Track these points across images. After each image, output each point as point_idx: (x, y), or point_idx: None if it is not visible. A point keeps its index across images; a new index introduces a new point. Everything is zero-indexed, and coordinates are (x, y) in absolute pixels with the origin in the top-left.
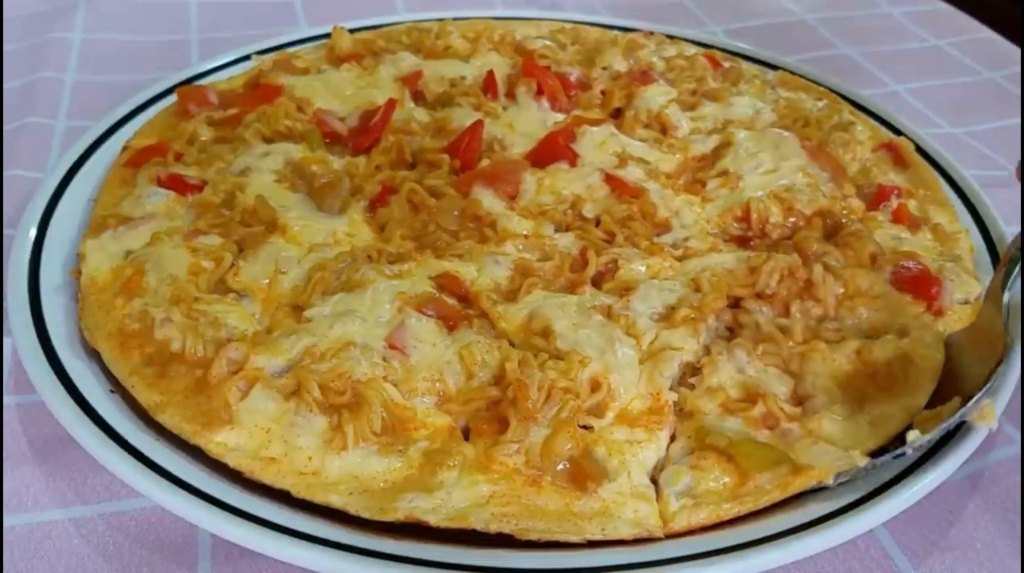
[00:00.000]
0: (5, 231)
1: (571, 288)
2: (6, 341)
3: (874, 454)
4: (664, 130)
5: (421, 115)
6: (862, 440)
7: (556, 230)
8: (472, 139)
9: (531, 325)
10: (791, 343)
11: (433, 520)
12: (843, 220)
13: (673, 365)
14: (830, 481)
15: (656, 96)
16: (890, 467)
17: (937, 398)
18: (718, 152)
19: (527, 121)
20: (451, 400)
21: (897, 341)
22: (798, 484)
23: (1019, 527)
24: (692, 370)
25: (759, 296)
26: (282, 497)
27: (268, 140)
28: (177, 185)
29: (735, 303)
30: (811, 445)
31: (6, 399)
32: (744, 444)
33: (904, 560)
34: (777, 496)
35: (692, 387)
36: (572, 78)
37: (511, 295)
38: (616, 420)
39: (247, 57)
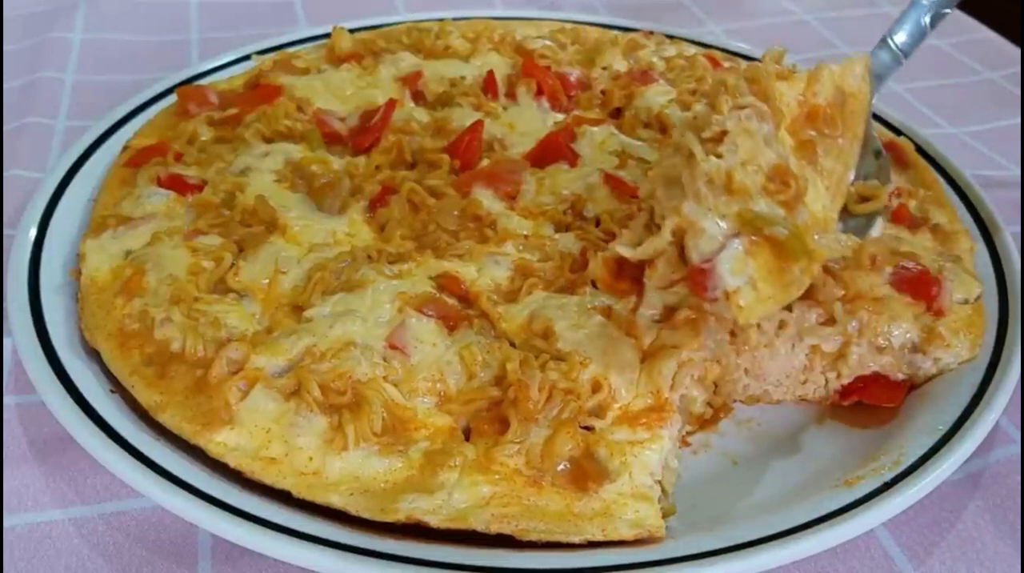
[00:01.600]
0: (5, 231)
1: (571, 288)
2: (6, 341)
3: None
4: (664, 130)
5: (421, 115)
6: (828, 205)
7: (556, 230)
8: (472, 139)
9: (532, 326)
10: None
11: (433, 521)
12: None
13: (673, 364)
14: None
15: (656, 96)
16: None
17: None
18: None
19: (527, 121)
20: (452, 400)
21: (829, 70)
22: (814, 268)
23: (1019, 527)
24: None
25: None
26: (282, 497)
27: (268, 140)
28: (177, 185)
29: None
30: (820, 234)
31: (6, 399)
32: (792, 236)
33: (904, 560)
34: (805, 282)
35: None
36: (572, 78)
37: (511, 295)
38: (617, 420)
39: (247, 57)
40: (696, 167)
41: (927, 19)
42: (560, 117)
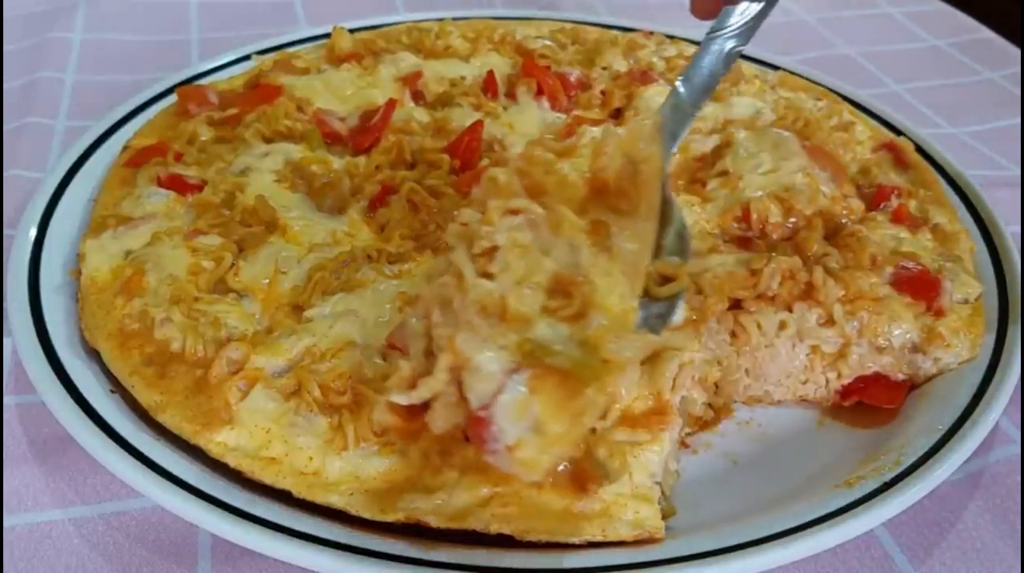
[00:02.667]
0: (5, 231)
1: None
2: (6, 341)
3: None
4: None
5: (421, 115)
6: (627, 293)
7: None
8: (472, 139)
9: None
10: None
11: (433, 521)
12: (843, 220)
13: (674, 366)
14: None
15: (656, 96)
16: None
17: None
18: (718, 152)
19: (527, 121)
20: None
21: (616, 136)
22: (612, 381)
23: (1019, 527)
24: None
25: (760, 298)
26: (282, 497)
27: (268, 140)
28: (177, 185)
29: (736, 304)
30: (615, 339)
31: (6, 399)
32: (581, 361)
33: (904, 560)
34: (602, 403)
35: (491, 276)
36: (572, 78)
37: None
38: (618, 421)
39: (247, 57)
40: (467, 293)
41: (720, 63)
42: (560, 117)
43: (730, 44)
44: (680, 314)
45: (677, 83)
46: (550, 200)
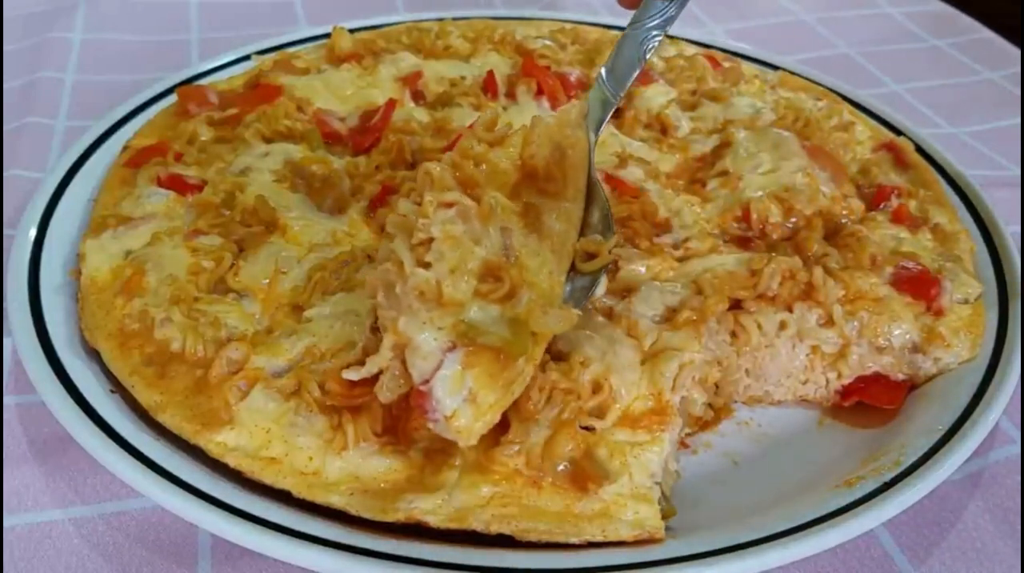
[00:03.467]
0: (5, 231)
1: None
2: (6, 341)
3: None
4: (664, 130)
5: (421, 115)
6: (555, 269)
7: None
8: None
9: None
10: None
11: (433, 521)
12: (843, 220)
13: (674, 366)
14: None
15: (656, 96)
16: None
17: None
18: (718, 152)
19: (527, 121)
20: None
21: (544, 125)
22: (539, 350)
23: (1019, 527)
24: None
25: (760, 298)
26: (282, 497)
27: (268, 140)
28: (177, 185)
29: (736, 305)
30: (541, 314)
31: (6, 399)
32: (510, 338)
33: (904, 560)
34: (530, 371)
35: (427, 266)
36: (572, 78)
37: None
38: (618, 421)
39: (247, 57)
40: (407, 280)
41: (641, 50)
42: None
43: (651, 35)
44: (602, 288)
45: (600, 71)
46: (482, 191)
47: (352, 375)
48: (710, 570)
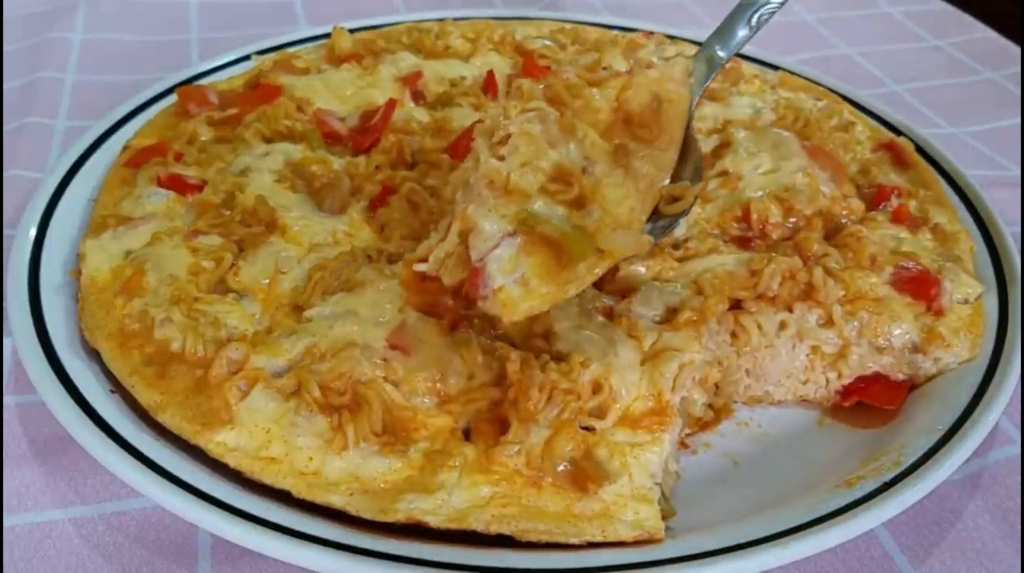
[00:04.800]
0: (5, 231)
1: None
2: (6, 341)
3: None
4: None
5: (421, 115)
6: (636, 204)
7: None
8: (472, 139)
9: (532, 326)
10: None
11: (433, 521)
12: (843, 220)
13: (674, 366)
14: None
15: None
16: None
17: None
18: (718, 152)
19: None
20: (452, 401)
21: (647, 76)
22: (603, 265)
23: (1019, 527)
24: (503, 141)
25: (760, 298)
26: (282, 497)
27: (268, 140)
28: (177, 185)
29: (736, 305)
30: (610, 232)
31: (6, 399)
32: (571, 234)
33: (904, 560)
34: (588, 280)
35: (502, 159)
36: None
37: None
38: (618, 422)
39: (247, 57)
40: (479, 169)
41: (754, 20)
42: None
43: (763, 16)
44: (682, 227)
45: (711, 38)
46: (568, 109)
47: (421, 267)
48: (710, 570)
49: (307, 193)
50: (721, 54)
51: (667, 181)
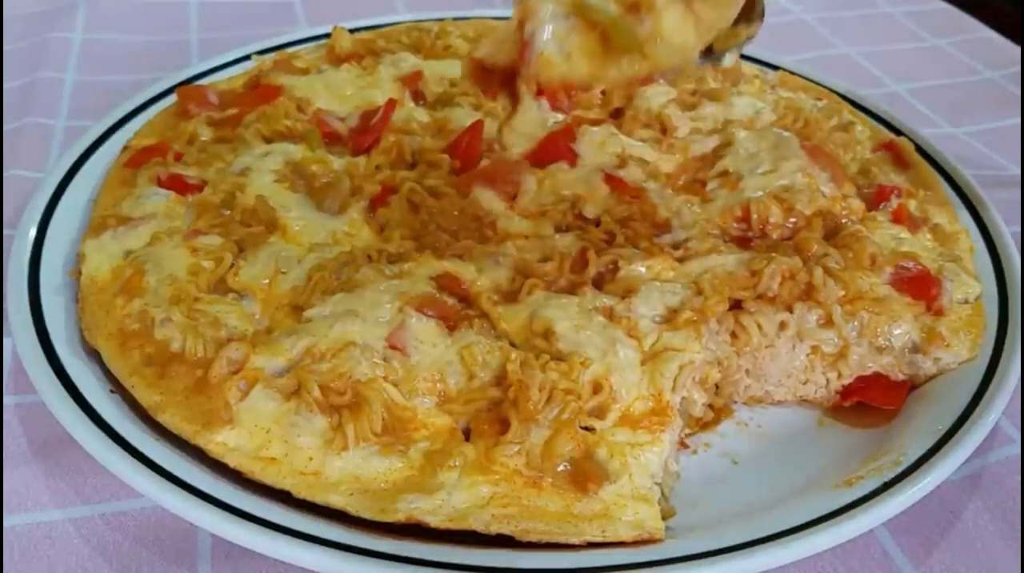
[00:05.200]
0: (5, 231)
1: (572, 289)
2: (6, 341)
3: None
4: (664, 130)
5: (421, 115)
6: (692, 39)
7: (556, 230)
8: (472, 139)
9: (532, 326)
10: None
11: (433, 521)
12: (843, 220)
13: (674, 366)
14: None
15: (656, 96)
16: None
17: None
18: (718, 152)
19: (527, 121)
20: (452, 400)
21: None
22: (645, 66)
23: (1019, 527)
24: None
25: (760, 298)
26: (282, 497)
27: (268, 140)
28: (177, 185)
29: (736, 305)
30: (657, 43)
31: (6, 399)
32: (620, 23)
33: (904, 560)
34: (627, 73)
35: None
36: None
37: (511, 296)
38: (618, 422)
39: (247, 57)
40: None
41: None
42: (560, 117)
43: None
44: (730, 58)
45: None
46: None
47: (482, 51)
48: (710, 570)
49: (307, 193)
50: None
51: (725, 24)
